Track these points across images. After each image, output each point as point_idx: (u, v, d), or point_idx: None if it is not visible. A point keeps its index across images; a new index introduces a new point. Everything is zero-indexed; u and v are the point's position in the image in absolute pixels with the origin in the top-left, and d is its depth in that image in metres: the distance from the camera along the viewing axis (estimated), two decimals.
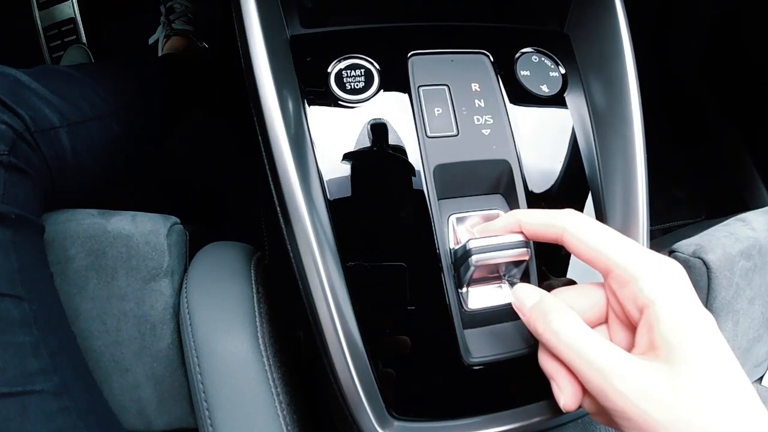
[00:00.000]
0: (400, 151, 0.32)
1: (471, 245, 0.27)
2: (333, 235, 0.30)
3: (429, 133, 0.33)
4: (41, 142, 0.34)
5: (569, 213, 0.26)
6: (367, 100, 0.33)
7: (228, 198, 0.72)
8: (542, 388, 0.27)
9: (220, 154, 0.72)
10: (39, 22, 0.80)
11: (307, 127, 0.32)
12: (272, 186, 0.30)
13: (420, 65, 0.35)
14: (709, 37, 0.73)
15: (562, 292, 0.26)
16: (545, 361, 0.25)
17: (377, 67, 0.34)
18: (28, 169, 0.32)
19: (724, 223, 0.44)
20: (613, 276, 0.24)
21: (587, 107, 0.37)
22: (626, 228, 0.33)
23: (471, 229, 0.31)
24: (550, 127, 0.35)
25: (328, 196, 0.30)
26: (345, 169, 0.31)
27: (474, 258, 0.27)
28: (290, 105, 0.32)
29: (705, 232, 0.43)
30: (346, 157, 0.32)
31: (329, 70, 0.33)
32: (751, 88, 0.72)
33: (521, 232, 0.27)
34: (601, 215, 0.34)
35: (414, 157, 0.32)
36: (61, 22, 0.80)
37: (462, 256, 0.28)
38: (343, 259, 0.30)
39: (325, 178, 0.31)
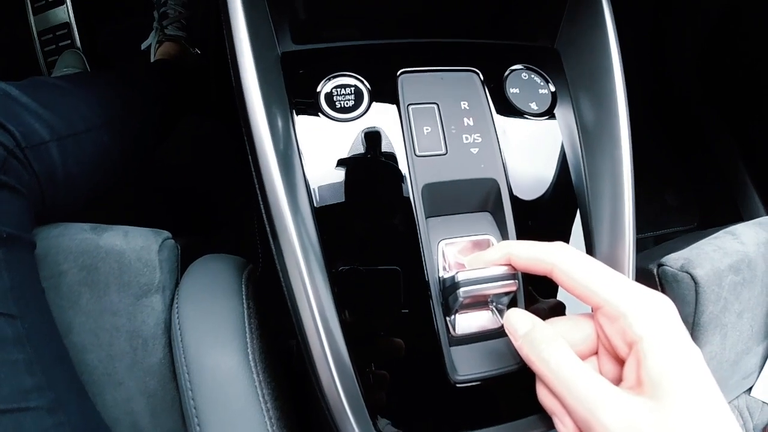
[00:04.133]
0: (389, 170, 0.32)
1: (460, 278, 0.28)
2: (321, 252, 0.30)
3: (418, 152, 0.33)
4: (31, 158, 0.34)
5: (558, 248, 0.26)
6: (357, 118, 0.33)
7: (223, 205, 0.72)
8: (529, 405, 0.28)
9: (214, 162, 0.72)
10: (34, 26, 0.80)
11: (297, 146, 0.32)
12: (260, 201, 0.31)
13: (410, 83, 0.35)
14: (705, 43, 0.73)
15: (554, 322, 0.27)
16: (545, 397, 0.25)
17: (367, 85, 0.34)
18: (19, 186, 0.32)
19: (713, 236, 0.45)
20: (603, 312, 0.24)
21: (576, 125, 0.37)
22: (613, 247, 0.34)
23: (460, 255, 0.31)
24: (538, 145, 0.35)
25: (316, 214, 0.31)
26: (333, 187, 0.32)
27: (462, 290, 0.28)
28: (279, 123, 0.32)
29: (694, 245, 0.43)
30: (335, 174, 0.32)
31: (319, 87, 0.34)
32: (746, 96, 0.72)
33: (510, 264, 0.28)
34: (588, 234, 0.35)
35: (402, 176, 0.32)
36: (56, 27, 0.79)
37: (450, 287, 0.29)
38: (330, 276, 0.30)
39: (314, 194, 0.31)
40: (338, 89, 0.34)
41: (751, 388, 0.47)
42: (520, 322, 0.26)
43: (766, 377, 0.46)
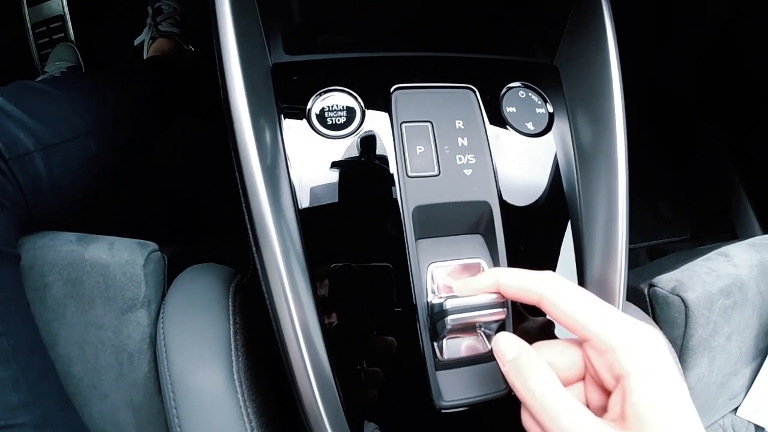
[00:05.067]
0: (380, 190, 0.32)
1: (448, 305, 0.28)
2: (307, 272, 0.30)
3: (410, 173, 0.32)
4: (16, 170, 0.33)
5: (547, 278, 0.26)
6: (349, 135, 0.32)
7: (215, 207, 0.72)
8: (515, 430, 0.28)
9: (207, 162, 0.71)
10: (28, 18, 0.79)
11: (286, 163, 0.31)
12: (246, 216, 0.30)
13: (404, 100, 0.34)
14: (705, 53, 0.72)
15: (542, 347, 0.26)
16: (529, 423, 0.25)
17: (360, 101, 0.33)
18: (3, 200, 0.32)
19: (706, 257, 0.44)
20: (591, 344, 0.24)
21: (572, 146, 0.36)
22: (605, 271, 0.33)
23: (449, 278, 0.31)
24: (533, 166, 0.35)
25: (304, 234, 0.30)
26: (322, 207, 0.31)
27: (450, 318, 0.27)
28: (267, 140, 0.31)
29: (686, 266, 0.43)
30: (324, 194, 0.31)
31: (311, 102, 0.33)
32: (744, 108, 0.71)
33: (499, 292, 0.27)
34: (580, 258, 0.34)
35: (393, 198, 0.32)
36: (50, 19, 0.78)
37: (439, 314, 0.28)
38: (316, 296, 0.29)
39: (301, 209, 0.30)
40: (330, 105, 0.33)
41: (737, 408, 0.47)
42: (508, 348, 0.26)
43: (752, 397, 0.46)
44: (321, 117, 0.32)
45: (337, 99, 0.33)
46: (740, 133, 0.72)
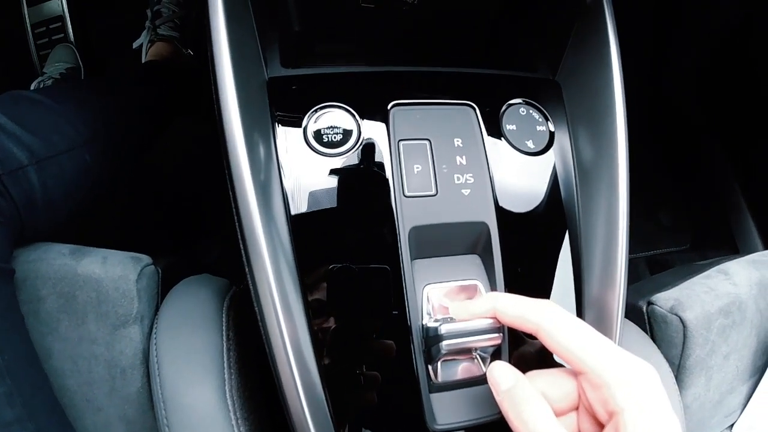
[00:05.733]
0: (375, 210, 0.31)
1: (443, 330, 0.27)
2: (301, 293, 0.29)
3: (407, 192, 0.32)
4: (9, 185, 0.33)
5: (544, 308, 0.25)
6: (345, 153, 0.32)
7: (212, 212, 0.71)
8: None
9: (205, 166, 0.71)
10: (27, 18, 0.78)
11: (280, 180, 0.31)
12: (238, 233, 0.30)
13: (401, 117, 0.33)
14: (707, 64, 0.71)
15: (536, 377, 0.26)
16: None
17: (357, 118, 0.33)
18: None
19: (705, 274, 0.44)
20: (586, 378, 0.24)
21: (573, 165, 0.36)
22: (603, 295, 0.33)
23: (445, 299, 0.31)
24: (532, 186, 0.34)
25: (297, 251, 0.30)
26: (317, 226, 0.31)
27: (445, 343, 0.27)
28: (261, 154, 0.30)
29: (685, 284, 0.43)
30: (319, 213, 0.31)
31: (306, 118, 0.32)
32: (745, 119, 0.71)
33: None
34: (579, 281, 0.34)
35: (389, 218, 0.31)
36: (50, 20, 0.77)
37: (434, 338, 0.28)
38: (306, 307, 0.29)
39: (295, 229, 0.30)
40: (326, 121, 0.32)
41: (732, 425, 0.47)
42: (503, 377, 0.26)
43: (748, 415, 0.46)
44: (317, 134, 0.32)
45: (334, 115, 0.33)
46: (741, 144, 0.71)
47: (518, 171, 0.34)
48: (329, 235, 0.31)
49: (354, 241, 0.31)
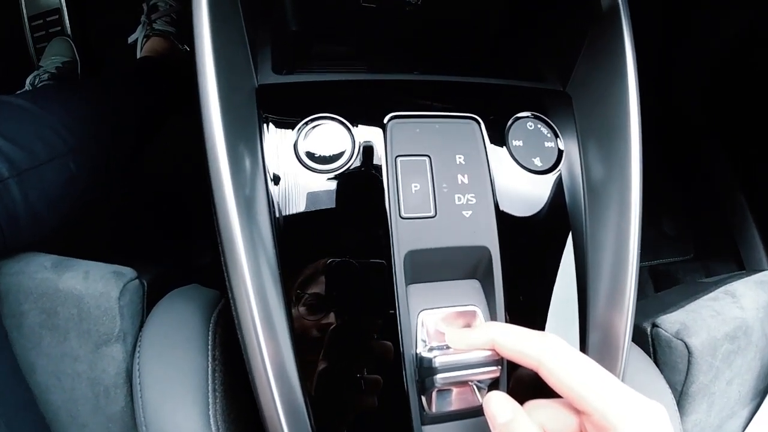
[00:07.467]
0: (369, 233, 0.29)
1: (438, 362, 0.26)
2: (286, 315, 0.28)
3: (403, 214, 0.30)
4: None
5: (546, 343, 0.24)
6: (338, 170, 0.30)
7: (205, 212, 0.69)
8: None
9: (199, 165, 0.69)
10: (24, 11, 0.75)
11: (267, 197, 0.29)
12: (222, 255, 0.28)
13: (400, 131, 0.31)
14: (714, 74, 0.68)
15: (535, 409, 0.25)
16: None
17: (351, 131, 0.30)
18: None
19: (712, 295, 0.42)
20: (590, 419, 0.22)
21: (582, 184, 0.34)
22: (608, 328, 0.31)
23: (442, 324, 0.29)
24: (538, 207, 0.32)
25: (283, 274, 0.28)
26: (306, 247, 0.29)
27: (440, 377, 0.26)
28: (246, 168, 0.28)
29: (691, 306, 0.41)
30: (309, 233, 0.29)
31: (298, 131, 0.30)
32: (751, 129, 0.68)
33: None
34: (583, 310, 0.32)
35: (384, 241, 0.29)
36: (47, 12, 0.74)
37: (428, 369, 0.27)
38: (295, 348, 0.28)
39: (282, 252, 0.28)
40: (319, 134, 0.30)
41: None
42: (500, 410, 0.25)
43: None
44: (308, 148, 0.30)
45: (328, 128, 0.30)
46: (745, 154, 0.69)
47: (523, 191, 0.32)
48: (318, 257, 0.29)
49: (344, 265, 0.29)
